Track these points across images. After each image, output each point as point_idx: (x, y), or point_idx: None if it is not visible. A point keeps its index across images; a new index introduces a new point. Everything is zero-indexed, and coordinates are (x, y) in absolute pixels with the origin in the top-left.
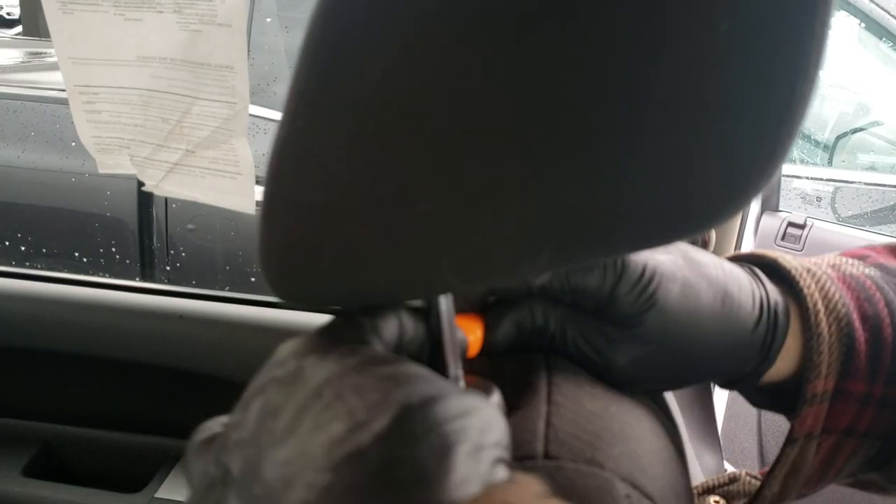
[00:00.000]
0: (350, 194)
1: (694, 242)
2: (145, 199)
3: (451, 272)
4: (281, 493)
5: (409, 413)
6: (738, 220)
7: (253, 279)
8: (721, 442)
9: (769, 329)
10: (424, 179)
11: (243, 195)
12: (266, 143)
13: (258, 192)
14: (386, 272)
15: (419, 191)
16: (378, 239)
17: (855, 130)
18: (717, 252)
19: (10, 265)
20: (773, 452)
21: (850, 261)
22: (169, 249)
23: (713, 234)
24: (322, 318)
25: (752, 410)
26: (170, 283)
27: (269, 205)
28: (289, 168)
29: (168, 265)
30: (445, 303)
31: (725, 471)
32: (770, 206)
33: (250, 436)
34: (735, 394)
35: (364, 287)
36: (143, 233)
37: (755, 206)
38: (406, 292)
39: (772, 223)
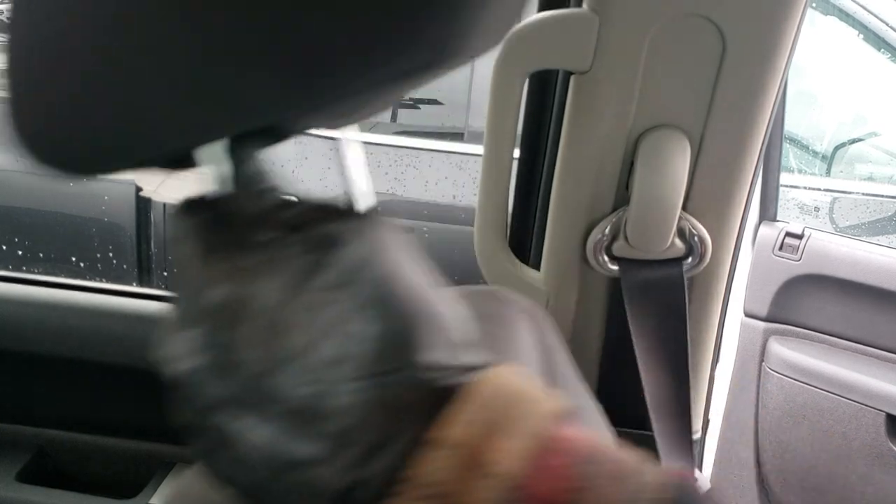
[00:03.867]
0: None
1: (689, 253)
2: (143, 205)
3: (211, 107)
4: (315, 406)
5: (375, 305)
6: (734, 229)
7: None
8: (718, 452)
9: None
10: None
11: None
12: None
13: None
14: (158, 114)
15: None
16: (155, 79)
17: (853, 141)
18: (713, 263)
19: (8, 269)
20: (770, 462)
21: None
22: (166, 255)
23: (709, 244)
24: None
25: (750, 420)
26: (167, 288)
27: (20, 61)
28: (38, 14)
29: (165, 270)
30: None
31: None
32: (768, 215)
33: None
34: (732, 402)
35: (133, 137)
36: (141, 238)
37: (753, 216)
38: (181, 138)
39: (770, 233)
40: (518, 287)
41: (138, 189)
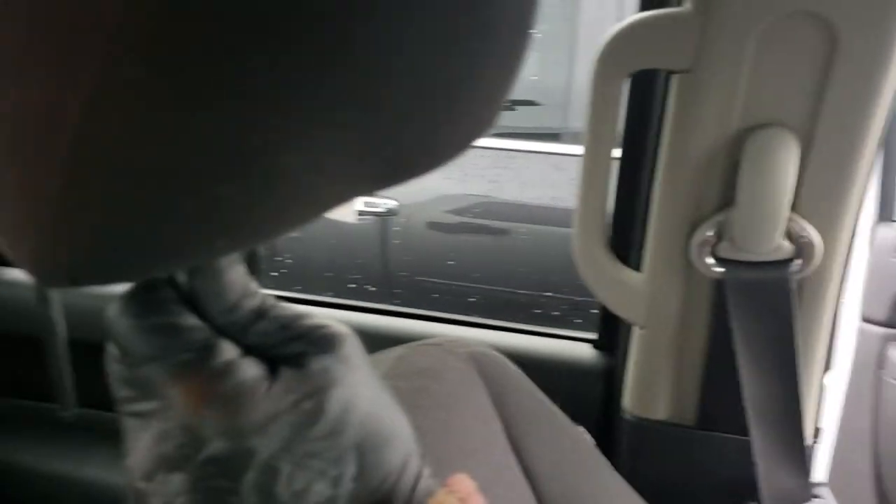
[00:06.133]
0: (208, 151)
1: (798, 255)
2: None
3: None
4: None
5: (358, 447)
6: (847, 231)
7: (352, 285)
8: (830, 461)
9: None
10: (289, 131)
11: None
12: None
13: (359, 202)
14: (223, 234)
15: (281, 142)
16: (237, 199)
17: None
18: (824, 265)
19: None
20: (891, 474)
21: None
22: (274, 257)
23: (819, 246)
24: (427, 329)
25: (866, 429)
26: (277, 288)
27: (76, 173)
28: (107, 130)
29: (273, 271)
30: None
31: (815, 486)
32: (886, 216)
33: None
34: (848, 410)
35: (182, 254)
36: None
37: (870, 216)
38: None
39: (888, 234)
40: (618, 290)
41: None
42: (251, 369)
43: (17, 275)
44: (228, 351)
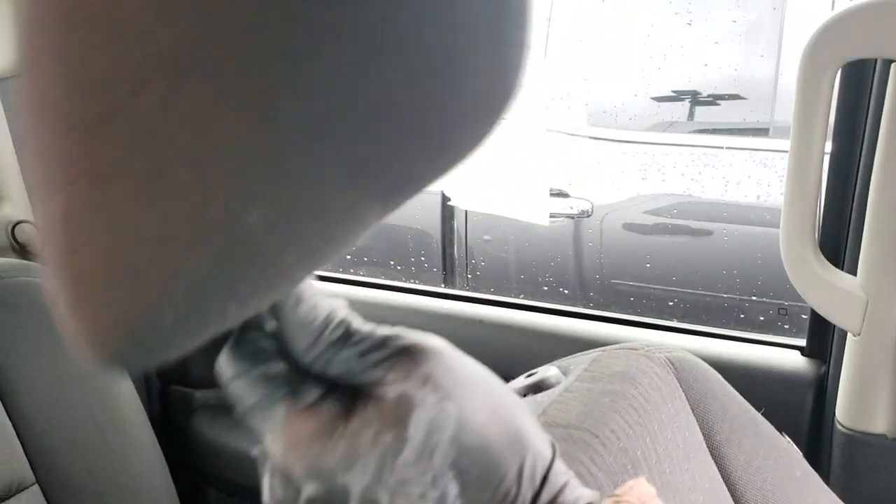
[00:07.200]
0: (175, 218)
1: None
2: (447, 213)
3: (297, 267)
4: None
5: (453, 466)
6: None
7: (545, 288)
8: None
9: None
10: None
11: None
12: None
13: (552, 203)
14: (244, 293)
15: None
16: (216, 262)
17: None
18: None
19: (337, 271)
20: None
21: None
22: (469, 259)
23: None
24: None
25: None
26: (470, 290)
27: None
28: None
29: (468, 273)
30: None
31: None
32: None
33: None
34: None
35: (217, 320)
36: (446, 244)
37: None
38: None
39: None
40: (830, 294)
41: (445, 199)
42: (329, 410)
43: None
44: (310, 394)
